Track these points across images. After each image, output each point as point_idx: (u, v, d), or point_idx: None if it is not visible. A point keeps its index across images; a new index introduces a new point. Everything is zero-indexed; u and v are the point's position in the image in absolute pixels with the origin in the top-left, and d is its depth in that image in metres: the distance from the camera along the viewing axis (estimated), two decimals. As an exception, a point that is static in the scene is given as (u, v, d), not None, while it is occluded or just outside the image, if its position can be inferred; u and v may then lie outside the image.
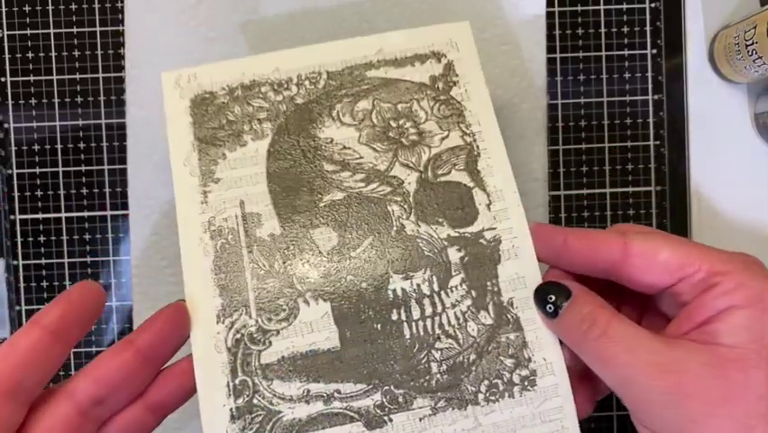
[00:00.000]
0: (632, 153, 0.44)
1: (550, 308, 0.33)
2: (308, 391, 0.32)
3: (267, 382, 0.32)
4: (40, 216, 0.44)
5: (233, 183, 0.36)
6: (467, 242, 0.36)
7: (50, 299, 0.45)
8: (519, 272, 0.35)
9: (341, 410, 0.32)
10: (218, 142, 0.37)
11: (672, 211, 0.43)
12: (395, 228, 0.36)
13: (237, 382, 0.32)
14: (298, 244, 0.35)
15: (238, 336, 0.33)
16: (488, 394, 0.33)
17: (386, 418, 0.32)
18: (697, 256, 0.31)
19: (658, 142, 0.43)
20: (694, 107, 0.43)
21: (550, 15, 0.43)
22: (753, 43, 0.37)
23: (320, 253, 0.35)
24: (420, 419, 0.32)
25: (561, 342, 0.34)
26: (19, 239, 0.44)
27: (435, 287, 0.35)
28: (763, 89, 0.42)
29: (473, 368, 0.33)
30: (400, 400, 0.32)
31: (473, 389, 0.33)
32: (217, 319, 0.33)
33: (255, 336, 0.33)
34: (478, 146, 0.37)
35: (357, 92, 0.38)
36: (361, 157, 0.37)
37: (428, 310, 0.34)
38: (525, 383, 0.33)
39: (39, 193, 0.44)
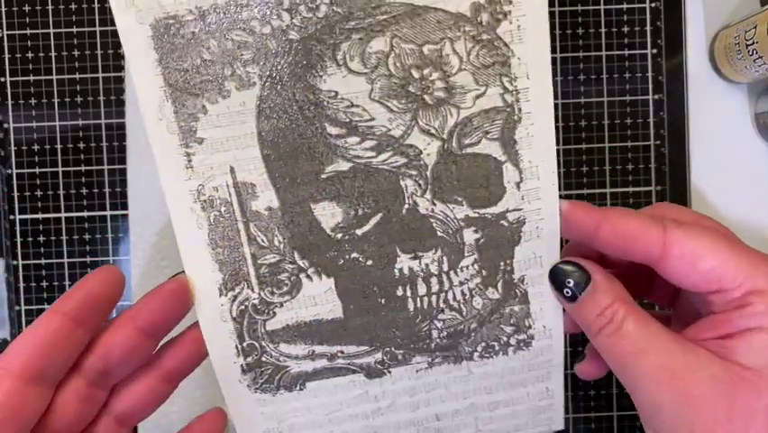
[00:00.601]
0: (632, 153, 0.43)
1: (567, 292, 0.32)
2: (313, 351, 0.34)
3: (274, 344, 0.33)
4: (39, 216, 0.44)
5: (220, 145, 0.30)
6: (486, 223, 0.32)
7: (50, 300, 0.44)
8: (537, 252, 0.32)
9: (344, 365, 0.34)
10: (195, 90, 0.29)
11: (672, 211, 0.44)
12: (407, 206, 0.31)
13: (245, 345, 0.33)
14: (299, 219, 0.31)
15: (242, 307, 0.33)
16: (483, 353, 0.34)
17: (385, 370, 0.34)
18: (740, 271, 0.29)
19: (658, 142, 0.43)
20: (694, 107, 0.43)
21: (550, 15, 0.40)
22: (753, 43, 0.37)
23: (322, 229, 0.31)
24: (417, 371, 0.35)
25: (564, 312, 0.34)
26: (18, 239, 0.44)
27: (445, 267, 0.32)
28: (763, 89, 0.42)
29: (473, 334, 0.34)
30: (399, 357, 0.34)
31: (470, 349, 0.34)
32: (220, 293, 0.32)
33: (259, 307, 0.33)
34: (520, 109, 0.29)
35: (371, 25, 0.28)
36: (372, 119, 0.30)
37: (435, 288, 0.33)
38: (521, 345, 0.34)
39: (38, 193, 0.44)
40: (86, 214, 0.44)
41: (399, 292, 0.33)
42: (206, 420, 0.36)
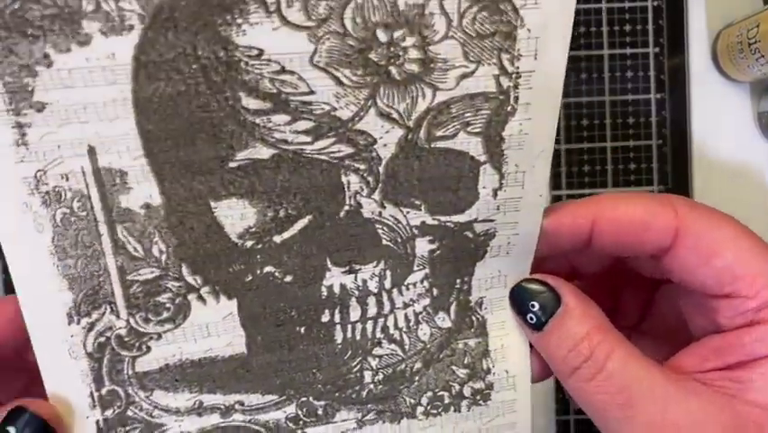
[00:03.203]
0: (634, 153, 0.42)
1: (532, 318, 0.25)
2: (201, 402, 0.25)
3: (145, 392, 0.24)
4: None
5: (73, 113, 0.19)
6: (446, 233, 0.24)
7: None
8: (503, 270, 0.25)
9: (242, 424, 0.25)
10: (30, 30, 0.18)
11: (674, 210, 0.43)
12: (346, 208, 0.23)
13: (104, 392, 0.24)
14: (191, 222, 0.22)
15: (102, 339, 0.23)
16: (428, 408, 0.27)
17: (299, 432, 0.26)
18: (761, 275, 0.23)
19: (660, 142, 0.42)
20: (697, 106, 0.42)
21: None
22: (756, 42, 0.37)
23: (225, 235, 0.22)
24: None
25: (531, 346, 0.27)
26: None
27: (387, 284, 0.24)
28: (765, 88, 0.42)
29: (416, 378, 0.26)
30: (319, 412, 0.26)
31: (412, 401, 0.27)
32: (69, 320, 0.22)
33: (126, 339, 0.23)
34: (517, 98, 0.21)
35: (322, -45, 0.18)
36: (311, 92, 0.20)
37: (371, 311, 0.25)
38: (477, 397, 0.27)
39: None
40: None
41: (325, 318, 0.25)
42: None
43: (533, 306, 0.25)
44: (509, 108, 0.22)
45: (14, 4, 0.18)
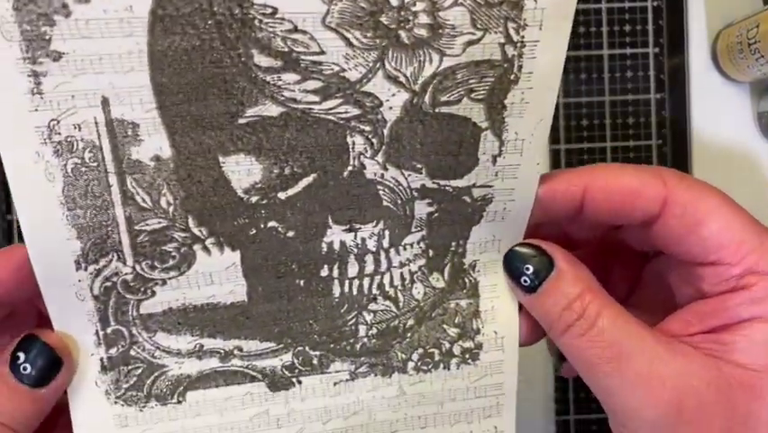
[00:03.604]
0: (634, 153, 0.42)
1: (525, 280, 0.26)
2: (201, 345, 0.26)
3: (148, 333, 0.25)
4: None
5: (88, 64, 0.20)
6: (444, 196, 0.25)
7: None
8: (497, 235, 0.26)
9: (240, 369, 0.26)
10: (50, -23, 0.18)
11: (674, 210, 0.43)
12: (350, 168, 0.23)
13: (109, 330, 0.25)
14: (199, 175, 0.22)
15: (108, 283, 0.24)
16: (419, 363, 0.28)
17: (294, 379, 0.27)
18: (744, 243, 0.24)
19: (660, 142, 0.42)
20: (696, 106, 0.42)
21: None
22: (755, 42, 0.37)
23: (232, 189, 0.23)
24: (335, 384, 0.27)
25: (520, 308, 0.28)
26: (16, 240, 0.41)
27: (385, 243, 0.25)
28: (765, 88, 0.42)
29: (408, 334, 0.27)
30: (314, 362, 0.27)
31: (404, 356, 0.28)
32: (77, 266, 0.23)
33: (132, 284, 0.24)
34: (521, 66, 0.22)
35: None
36: (322, 52, 0.21)
37: (369, 268, 0.26)
38: (467, 356, 0.28)
39: None
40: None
41: (324, 272, 0.26)
42: None
43: (527, 269, 0.26)
44: (512, 77, 0.22)
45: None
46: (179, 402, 0.26)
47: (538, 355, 0.41)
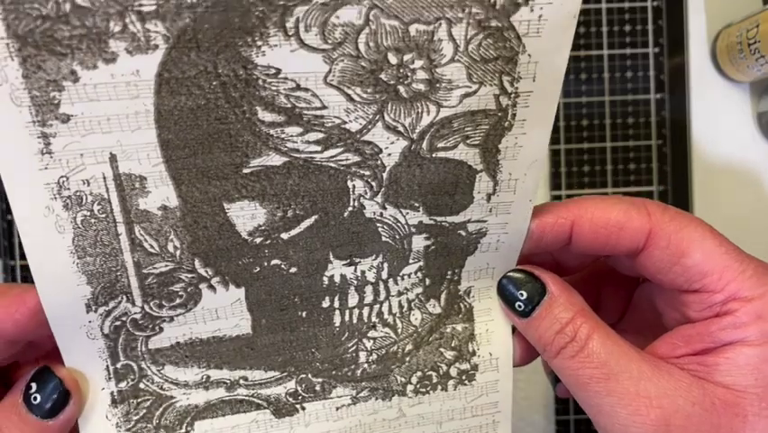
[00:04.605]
0: (634, 153, 0.42)
1: (519, 306, 0.27)
2: (208, 376, 0.27)
3: (157, 367, 0.26)
4: None
5: (96, 124, 0.20)
6: (440, 231, 0.26)
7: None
8: (491, 263, 0.27)
9: (245, 397, 0.27)
10: (58, 48, 0.19)
11: (674, 211, 0.43)
12: (350, 209, 0.24)
13: (119, 366, 0.25)
14: (205, 221, 0.23)
15: (117, 322, 0.24)
16: (418, 386, 0.29)
17: (298, 406, 0.28)
18: (727, 271, 0.25)
19: (660, 142, 0.42)
20: (696, 106, 0.42)
21: None
22: (755, 42, 0.37)
23: (236, 233, 0.24)
24: (337, 408, 0.29)
25: (513, 331, 0.29)
26: (16, 239, 0.41)
27: (384, 275, 0.26)
28: (765, 88, 0.42)
29: (407, 359, 0.28)
30: (317, 388, 0.28)
31: (403, 380, 0.29)
32: (87, 309, 0.24)
33: (141, 322, 0.25)
34: (514, 115, 0.23)
35: (341, -16, 0.19)
36: (324, 107, 0.21)
37: (368, 298, 0.27)
38: (463, 377, 0.29)
39: None
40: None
41: (325, 304, 0.26)
42: None
43: (521, 295, 0.27)
44: (506, 124, 0.23)
45: (44, 24, 0.18)
46: (188, 432, 0.27)
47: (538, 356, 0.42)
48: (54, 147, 0.21)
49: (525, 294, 0.27)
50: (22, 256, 0.40)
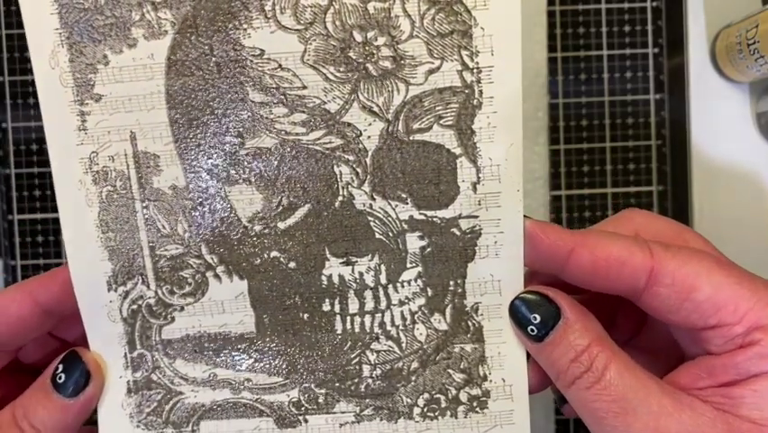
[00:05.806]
0: (633, 153, 0.42)
1: (532, 330, 0.26)
2: (215, 375, 0.28)
3: (168, 359, 0.28)
4: (38, 216, 0.42)
5: (121, 104, 0.25)
6: (434, 229, 0.26)
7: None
8: (495, 275, 0.26)
9: (249, 402, 0.28)
10: (96, 36, 0.24)
11: (674, 211, 0.42)
12: (340, 199, 0.26)
13: (135, 354, 0.27)
14: (209, 203, 0.26)
15: (134, 306, 0.27)
16: (425, 409, 0.28)
17: (301, 418, 0.28)
18: (741, 302, 0.24)
19: (660, 142, 0.42)
20: (696, 107, 0.42)
21: (551, 14, 0.42)
22: (755, 42, 0.37)
23: (238, 218, 0.26)
24: (341, 426, 0.28)
25: (528, 357, 0.27)
26: (17, 239, 0.42)
27: (383, 279, 0.27)
28: (764, 89, 0.41)
29: (413, 378, 0.27)
30: (320, 400, 0.28)
31: (409, 401, 0.28)
32: (108, 287, 0.27)
33: (155, 308, 0.27)
34: (481, 91, 0.24)
35: (307, -29, 0.24)
36: (304, 87, 0.25)
37: (369, 305, 0.27)
38: (474, 404, 0.27)
39: (37, 193, 0.42)
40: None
41: (326, 307, 0.27)
42: None
43: (534, 318, 0.26)
44: (475, 102, 0.24)
45: (86, 15, 0.24)
46: (194, 431, 0.27)
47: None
48: (88, 124, 0.25)
49: (538, 318, 0.26)
50: (23, 256, 0.42)
